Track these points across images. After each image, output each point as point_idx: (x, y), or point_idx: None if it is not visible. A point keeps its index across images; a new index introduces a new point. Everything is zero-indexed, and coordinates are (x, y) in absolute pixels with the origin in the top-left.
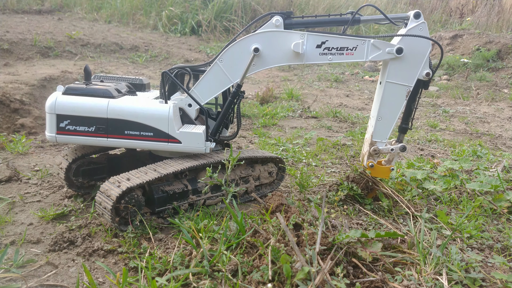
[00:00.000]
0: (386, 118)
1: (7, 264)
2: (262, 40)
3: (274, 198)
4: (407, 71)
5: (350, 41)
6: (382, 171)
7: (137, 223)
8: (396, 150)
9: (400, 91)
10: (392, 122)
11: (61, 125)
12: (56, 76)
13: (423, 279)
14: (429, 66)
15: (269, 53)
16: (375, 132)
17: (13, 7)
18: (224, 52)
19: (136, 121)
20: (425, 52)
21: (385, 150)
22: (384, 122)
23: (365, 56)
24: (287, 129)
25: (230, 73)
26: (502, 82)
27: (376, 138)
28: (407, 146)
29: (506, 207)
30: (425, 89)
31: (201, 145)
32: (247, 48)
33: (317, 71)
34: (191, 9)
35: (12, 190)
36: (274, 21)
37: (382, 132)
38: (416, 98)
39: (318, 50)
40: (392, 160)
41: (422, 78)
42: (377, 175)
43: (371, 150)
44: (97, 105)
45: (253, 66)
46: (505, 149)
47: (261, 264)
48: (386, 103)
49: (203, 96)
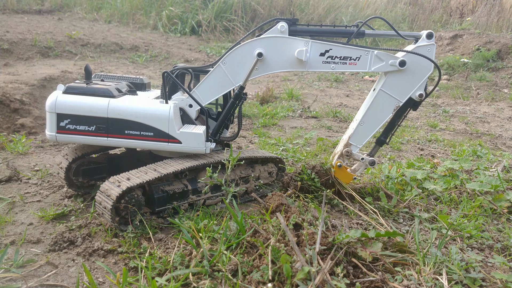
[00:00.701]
0: (368, 124)
1: (7, 264)
2: (266, 45)
3: (274, 198)
4: (402, 86)
5: (353, 51)
6: (345, 175)
7: (137, 223)
8: (365, 161)
9: (390, 103)
10: (372, 130)
11: (61, 124)
12: (56, 76)
13: (423, 279)
14: (424, 89)
15: (273, 58)
16: (353, 135)
17: (13, 7)
18: (228, 55)
19: (137, 120)
20: (425, 73)
21: (357, 156)
22: (365, 127)
23: (368, 67)
24: (287, 129)
25: (232, 76)
26: (502, 82)
27: (353, 141)
28: (376, 161)
29: (506, 207)
30: (414, 110)
31: (201, 145)
32: (250, 52)
33: (317, 71)
34: (191, 9)
35: (12, 190)
36: (279, 27)
37: (360, 136)
38: (402, 116)
39: (321, 58)
40: (358, 170)
41: (414, 98)
42: (339, 177)
43: (344, 151)
44: (97, 105)
45: (256, 71)
46: (505, 149)
47: (261, 264)
48: (374, 110)
49: (204, 98)
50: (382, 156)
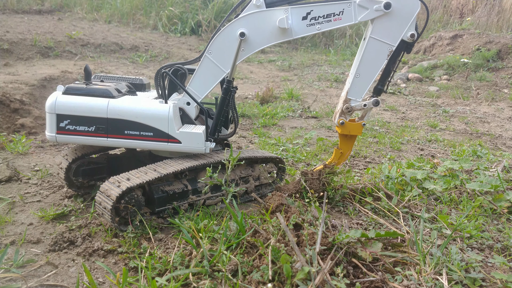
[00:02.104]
0: (364, 75)
1: (7, 264)
2: (246, 24)
3: (274, 198)
4: (392, 29)
5: (335, 6)
6: (354, 127)
7: (137, 223)
8: (369, 105)
9: (382, 49)
10: (369, 80)
11: (61, 125)
12: (56, 76)
13: (423, 279)
14: (415, 28)
15: (256, 35)
16: (351, 89)
17: (13, 7)
18: (211, 43)
19: (136, 121)
20: (413, 12)
21: (358, 106)
22: (362, 79)
23: (354, 18)
24: (287, 129)
25: (221, 63)
26: (502, 82)
27: (351, 96)
28: (380, 101)
29: (506, 207)
30: (408, 52)
31: (201, 145)
32: (233, 34)
33: (317, 71)
34: (191, 9)
35: (12, 190)
36: (255, 1)
37: (358, 89)
38: (396, 60)
39: (304, 22)
40: (365, 116)
41: (406, 40)
42: (349, 132)
43: (344, 107)
44: (97, 105)
45: (243, 52)
46: (505, 149)
47: (261, 264)
48: (367, 60)
49: (199, 92)
50: (382, 156)
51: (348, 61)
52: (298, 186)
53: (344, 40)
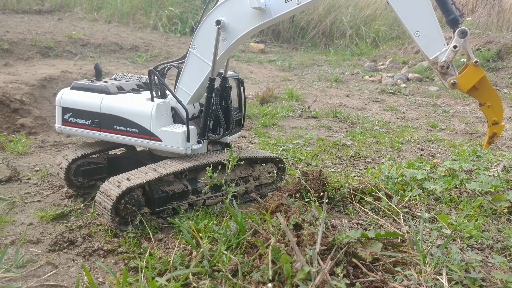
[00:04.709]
0: (423, 28)
1: (7, 264)
2: (223, 12)
3: (274, 198)
4: None
5: None
6: (470, 74)
7: (137, 223)
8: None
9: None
10: (431, 26)
11: (65, 117)
12: (56, 76)
13: (423, 279)
14: None
15: (235, 21)
16: (426, 49)
17: (13, 7)
18: (194, 38)
19: (124, 117)
20: None
21: (449, 54)
22: (425, 33)
23: None
24: (287, 129)
25: (206, 57)
26: (502, 82)
27: (433, 53)
28: (467, 30)
29: (506, 207)
30: None
31: (180, 145)
32: (212, 26)
33: (317, 71)
34: (191, 9)
35: (12, 190)
36: None
37: (432, 43)
38: None
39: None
40: (469, 53)
41: None
42: (473, 81)
43: (439, 69)
44: (92, 100)
45: (224, 42)
46: (505, 149)
47: (261, 264)
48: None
49: (188, 89)
50: (382, 156)
51: (348, 61)
52: (298, 186)
53: (344, 40)
